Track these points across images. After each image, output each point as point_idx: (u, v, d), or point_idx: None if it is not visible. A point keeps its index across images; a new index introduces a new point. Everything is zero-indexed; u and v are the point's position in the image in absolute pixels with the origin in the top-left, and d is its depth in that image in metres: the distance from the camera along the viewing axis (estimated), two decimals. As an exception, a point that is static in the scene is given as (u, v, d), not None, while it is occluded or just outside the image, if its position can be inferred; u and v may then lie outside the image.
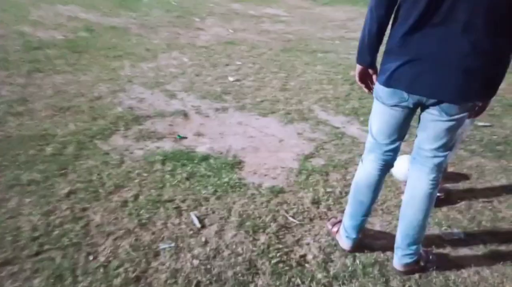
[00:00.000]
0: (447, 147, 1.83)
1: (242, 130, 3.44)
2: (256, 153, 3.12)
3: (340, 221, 2.31)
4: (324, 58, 5.72)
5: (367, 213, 2.09)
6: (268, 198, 2.57)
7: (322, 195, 2.66)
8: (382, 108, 1.85)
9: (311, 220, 2.43)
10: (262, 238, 2.22)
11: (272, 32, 7.02)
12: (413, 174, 1.94)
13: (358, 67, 1.88)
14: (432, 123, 1.78)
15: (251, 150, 3.16)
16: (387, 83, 1.75)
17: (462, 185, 2.91)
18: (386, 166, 1.99)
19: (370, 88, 1.94)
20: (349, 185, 2.77)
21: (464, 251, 2.28)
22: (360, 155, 3.18)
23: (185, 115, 3.60)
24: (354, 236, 2.13)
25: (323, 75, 4.99)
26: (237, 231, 2.26)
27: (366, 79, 1.91)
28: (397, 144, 1.93)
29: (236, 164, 2.92)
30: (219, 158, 2.97)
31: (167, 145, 3.08)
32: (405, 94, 1.73)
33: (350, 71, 5.20)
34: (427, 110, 1.77)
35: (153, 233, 2.18)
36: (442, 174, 1.95)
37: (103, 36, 5.79)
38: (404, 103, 1.77)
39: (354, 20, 8.83)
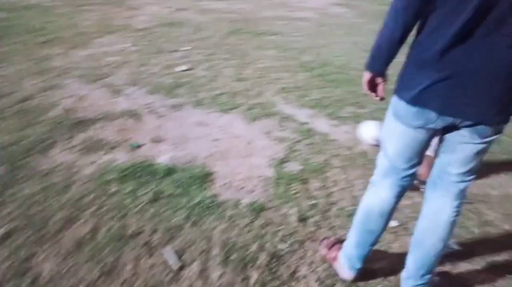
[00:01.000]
0: (474, 170, 1.58)
1: (205, 132, 3.01)
2: (225, 160, 2.72)
3: (334, 243, 2.03)
4: (275, 41, 5.35)
5: (377, 241, 1.82)
6: (250, 219, 2.21)
7: (307, 209, 2.35)
8: (403, 130, 1.54)
9: (301, 243, 2.11)
10: (254, 275, 1.87)
11: (216, 11, 6.49)
12: (435, 200, 1.67)
13: (368, 74, 1.57)
14: (461, 146, 1.52)
15: (219, 156, 2.75)
16: (414, 102, 1.44)
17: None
18: (403, 191, 1.71)
19: (379, 96, 1.62)
20: (332, 194, 2.51)
21: (464, 266, 2.09)
22: (335, 155, 2.94)
23: (137, 116, 3.08)
24: (359, 266, 1.85)
25: (278, 61, 4.63)
26: (223, 268, 1.89)
27: (375, 87, 1.61)
28: (416, 167, 1.65)
29: (206, 176, 2.51)
30: (186, 170, 2.53)
31: (122, 157, 2.58)
32: (434, 115, 1.44)
33: (303, 56, 4.90)
34: (457, 131, 1.49)
35: (123, 284, 1.74)
36: None
37: (23, 17, 4.93)
38: (431, 125, 1.47)
39: (295, -3, 8.53)
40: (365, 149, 3.06)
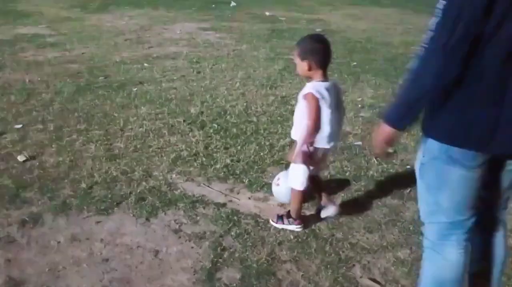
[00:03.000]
0: None
1: (86, 253, 2.65)
2: (129, 291, 2.40)
3: None
4: (144, 94, 5.19)
5: None
6: None
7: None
8: (460, 174, 1.69)
9: None
10: None
11: (47, 63, 6.11)
12: (488, 237, 1.92)
13: (388, 129, 1.71)
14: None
15: (118, 286, 2.42)
16: (481, 147, 1.61)
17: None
18: (470, 246, 1.85)
19: (389, 155, 1.93)
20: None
21: None
22: (279, 244, 2.80)
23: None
24: None
25: (157, 122, 4.46)
26: None
27: (392, 144, 1.85)
28: (476, 216, 1.82)
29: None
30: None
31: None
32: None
33: (188, 108, 4.80)
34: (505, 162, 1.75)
35: None
36: None
37: None
38: (484, 160, 1.69)
39: (151, 28, 8.54)
40: (313, 225, 2.99)
